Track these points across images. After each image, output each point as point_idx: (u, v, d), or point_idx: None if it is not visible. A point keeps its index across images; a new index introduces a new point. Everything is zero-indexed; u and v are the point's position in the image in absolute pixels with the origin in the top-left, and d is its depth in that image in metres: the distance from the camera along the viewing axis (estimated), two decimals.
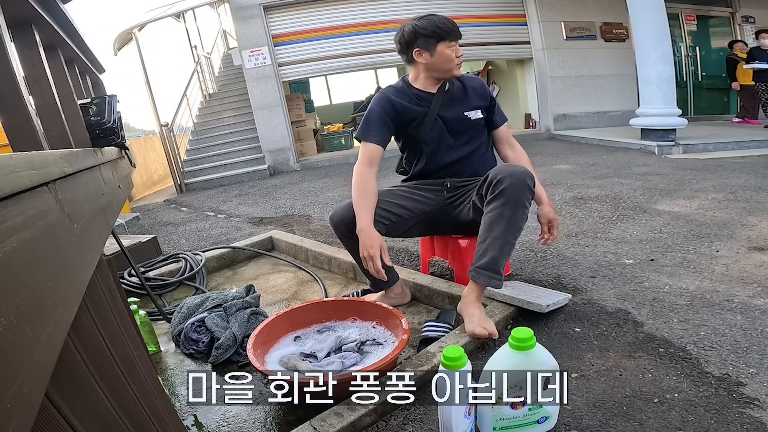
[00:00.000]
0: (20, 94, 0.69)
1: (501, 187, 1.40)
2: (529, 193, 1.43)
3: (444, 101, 1.66)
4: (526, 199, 1.42)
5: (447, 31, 1.56)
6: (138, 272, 1.98)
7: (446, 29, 1.57)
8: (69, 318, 0.44)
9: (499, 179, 1.42)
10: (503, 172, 1.43)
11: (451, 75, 1.63)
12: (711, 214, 2.46)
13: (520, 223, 1.43)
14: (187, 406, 1.33)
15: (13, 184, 0.36)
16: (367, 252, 1.46)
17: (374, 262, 1.45)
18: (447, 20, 1.59)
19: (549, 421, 1.02)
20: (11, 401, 0.28)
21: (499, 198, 1.41)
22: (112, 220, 0.95)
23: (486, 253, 1.41)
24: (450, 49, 1.58)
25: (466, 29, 7.51)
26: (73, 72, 1.28)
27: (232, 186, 5.86)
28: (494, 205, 1.42)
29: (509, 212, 1.40)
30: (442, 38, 1.56)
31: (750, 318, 1.39)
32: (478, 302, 1.44)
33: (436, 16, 1.60)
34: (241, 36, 6.47)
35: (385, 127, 1.64)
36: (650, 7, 4.89)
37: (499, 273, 1.42)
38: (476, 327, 1.36)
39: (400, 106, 1.65)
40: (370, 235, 1.47)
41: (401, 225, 1.66)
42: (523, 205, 1.42)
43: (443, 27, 1.57)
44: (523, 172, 1.43)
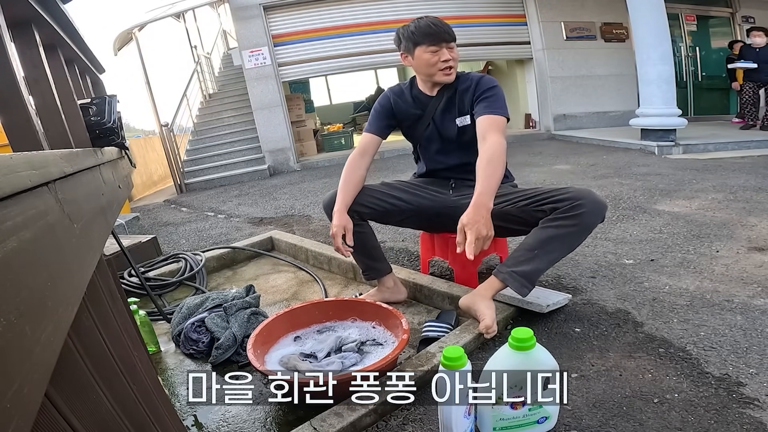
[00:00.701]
0: (20, 94, 0.69)
1: (581, 210, 1.37)
2: (601, 222, 1.43)
3: (441, 106, 1.64)
4: (595, 227, 1.44)
5: (425, 35, 1.52)
6: (138, 272, 1.98)
7: (423, 33, 1.52)
8: (69, 318, 0.44)
9: (581, 203, 1.38)
10: (586, 198, 1.39)
11: (436, 81, 1.59)
12: (711, 215, 2.46)
13: (577, 246, 1.44)
14: (187, 406, 1.33)
15: (13, 184, 0.36)
16: (332, 231, 1.58)
17: (335, 240, 1.56)
18: (432, 24, 1.53)
19: (549, 421, 1.02)
20: (11, 401, 0.28)
21: (573, 219, 1.38)
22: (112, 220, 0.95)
23: (531, 262, 1.40)
24: (430, 54, 1.53)
25: (466, 29, 7.52)
26: (73, 72, 1.28)
27: (232, 186, 5.86)
28: (563, 223, 1.39)
29: (576, 234, 1.40)
30: (418, 43, 1.53)
31: (750, 318, 1.39)
32: (492, 300, 1.46)
33: (425, 20, 1.55)
34: (241, 36, 6.47)
35: (385, 120, 1.69)
36: (650, 7, 4.89)
37: (533, 284, 1.43)
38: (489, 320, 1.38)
39: (395, 105, 1.69)
40: (339, 217, 1.58)
41: (396, 214, 1.71)
42: (590, 232, 1.44)
43: (420, 31, 1.52)
44: (604, 203, 1.42)
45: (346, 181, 1.64)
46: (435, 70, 1.55)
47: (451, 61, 1.54)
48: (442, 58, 1.53)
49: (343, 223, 1.57)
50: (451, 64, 1.55)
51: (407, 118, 1.70)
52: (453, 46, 1.55)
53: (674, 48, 6.46)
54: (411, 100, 1.68)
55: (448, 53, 1.54)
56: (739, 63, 5.67)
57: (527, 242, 1.44)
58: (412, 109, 1.67)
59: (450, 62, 1.54)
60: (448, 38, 1.53)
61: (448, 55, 1.53)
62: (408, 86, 1.70)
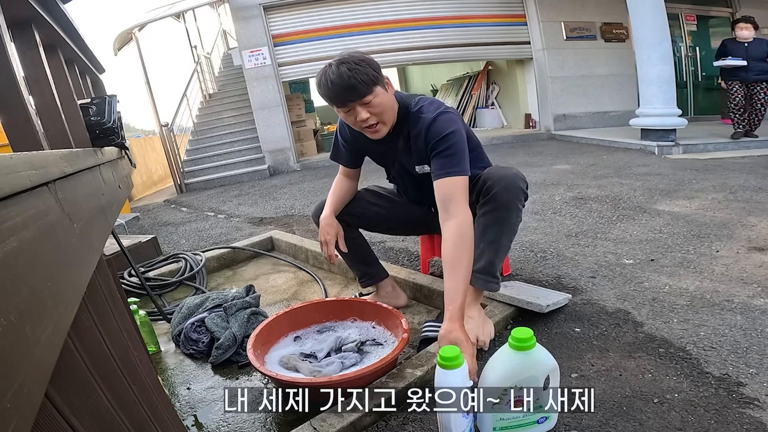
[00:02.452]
0: (20, 94, 0.69)
1: (492, 191, 1.37)
2: (522, 195, 1.41)
3: (400, 147, 1.45)
4: (518, 202, 1.40)
5: (328, 98, 1.28)
6: (138, 272, 1.98)
7: (326, 96, 1.28)
8: (69, 318, 0.44)
9: (489, 184, 1.38)
10: (494, 177, 1.39)
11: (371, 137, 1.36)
12: (711, 214, 2.46)
13: (514, 226, 1.42)
14: (187, 406, 1.33)
15: (13, 184, 0.36)
16: (323, 237, 1.54)
17: (328, 247, 1.53)
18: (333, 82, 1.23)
19: (549, 421, 1.02)
20: (11, 401, 0.28)
21: (490, 202, 1.38)
22: (112, 220, 0.95)
23: (482, 257, 1.40)
24: (344, 114, 1.30)
25: (466, 29, 7.53)
26: (73, 72, 1.28)
27: (232, 186, 5.86)
28: (486, 209, 1.40)
29: (503, 216, 1.38)
30: (330, 102, 1.30)
31: (750, 318, 1.39)
32: (476, 305, 1.44)
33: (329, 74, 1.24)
34: (241, 36, 6.47)
35: (350, 153, 1.59)
36: (650, 7, 4.89)
37: (495, 276, 1.43)
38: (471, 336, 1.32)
39: (354, 138, 1.52)
40: (328, 222, 1.55)
41: (385, 222, 1.70)
42: (516, 207, 1.39)
43: (322, 91, 1.28)
44: (515, 174, 1.39)
45: (334, 192, 1.62)
46: (359, 129, 1.35)
47: (370, 118, 1.28)
48: (358, 118, 1.28)
49: (335, 229, 1.53)
50: (372, 121, 1.29)
51: (371, 152, 1.57)
52: (369, 99, 1.26)
53: (674, 48, 6.45)
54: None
55: (363, 111, 1.27)
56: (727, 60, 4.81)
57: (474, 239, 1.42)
58: (373, 144, 1.46)
59: (369, 120, 1.28)
60: (354, 96, 1.24)
61: (364, 114, 1.27)
62: None
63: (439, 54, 6.89)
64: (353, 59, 1.25)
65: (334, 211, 1.59)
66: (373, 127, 1.31)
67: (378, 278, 1.74)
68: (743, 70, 4.83)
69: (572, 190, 3.40)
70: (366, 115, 1.27)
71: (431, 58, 6.98)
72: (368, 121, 1.28)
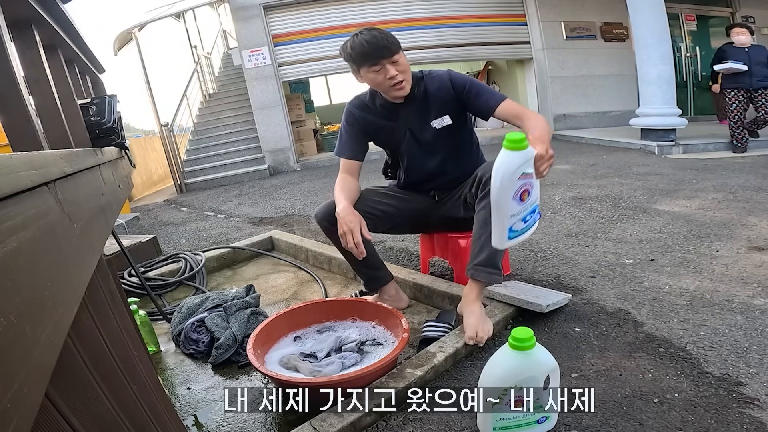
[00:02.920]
0: (20, 94, 0.69)
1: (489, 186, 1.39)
2: None
3: (414, 112, 1.55)
4: None
5: (362, 56, 1.42)
6: (138, 272, 1.98)
7: (359, 55, 1.42)
8: (69, 318, 0.44)
9: (488, 178, 1.38)
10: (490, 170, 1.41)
11: (392, 96, 1.50)
12: (711, 214, 2.46)
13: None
14: (187, 406, 1.33)
15: (13, 184, 0.36)
16: (346, 226, 1.42)
17: (354, 235, 1.41)
18: (365, 43, 1.41)
19: (549, 421, 1.02)
20: (11, 401, 0.28)
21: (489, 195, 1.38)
22: (112, 220, 0.95)
23: (483, 250, 1.41)
24: (374, 73, 1.44)
25: (466, 29, 7.50)
26: (73, 72, 1.28)
27: (232, 186, 5.86)
28: (486, 203, 1.40)
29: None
30: (360, 65, 1.44)
31: (750, 318, 1.39)
32: (478, 301, 1.44)
33: (359, 38, 1.43)
34: (241, 36, 6.47)
35: (356, 140, 1.61)
36: (650, 7, 4.89)
37: (498, 268, 1.43)
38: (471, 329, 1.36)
39: (363, 120, 1.60)
40: (347, 212, 1.46)
41: (387, 221, 1.67)
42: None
43: (356, 53, 1.42)
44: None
45: (343, 189, 1.57)
46: (385, 88, 1.47)
47: (398, 75, 1.43)
48: (388, 75, 1.42)
49: (357, 217, 1.44)
50: (399, 78, 1.44)
51: (379, 130, 1.61)
52: (397, 59, 1.43)
53: (674, 48, 6.45)
54: (379, 111, 1.58)
55: (392, 68, 1.42)
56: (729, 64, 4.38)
57: (473, 232, 1.45)
58: (382, 120, 1.57)
59: (397, 77, 1.43)
60: (387, 53, 1.41)
61: (393, 71, 1.42)
62: (370, 97, 1.60)
63: (439, 54, 6.88)
64: (377, 29, 1.46)
65: (351, 201, 1.53)
66: (399, 84, 1.45)
67: (384, 281, 1.71)
68: (746, 76, 4.37)
69: (572, 189, 3.40)
70: (394, 72, 1.42)
71: (431, 59, 6.97)
72: (396, 77, 1.43)
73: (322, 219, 1.59)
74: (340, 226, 1.45)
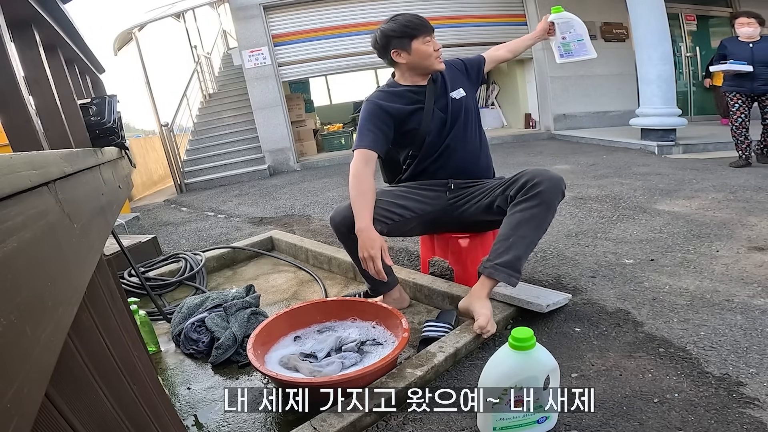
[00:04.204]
0: (20, 94, 0.68)
1: (538, 189, 1.42)
2: (561, 197, 1.49)
3: (439, 88, 1.66)
4: (558, 203, 1.47)
5: (416, 27, 1.57)
6: (138, 272, 1.97)
7: (415, 26, 1.57)
8: (69, 318, 0.44)
9: (537, 182, 1.44)
10: (541, 176, 1.45)
11: (434, 69, 1.62)
12: (711, 214, 2.46)
13: (547, 226, 1.46)
14: (187, 406, 1.33)
15: (13, 184, 0.36)
16: (367, 252, 1.41)
17: (375, 263, 1.40)
18: (414, 17, 1.60)
19: (549, 421, 1.02)
20: (11, 401, 0.28)
21: (533, 199, 1.43)
22: (112, 220, 0.95)
23: (509, 250, 1.41)
24: (425, 45, 1.58)
25: (466, 29, 7.50)
26: (73, 72, 1.28)
27: (232, 186, 5.86)
28: (526, 205, 1.43)
29: (542, 214, 1.42)
30: (414, 36, 1.57)
31: (750, 318, 1.39)
32: (488, 299, 1.45)
33: (402, 16, 1.60)
34: (241, 36, 6.47)
35: (380, 132, 1.58)
36: (650, 7, 4.89)
37: (519, 272, 1.43)
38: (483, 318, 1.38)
39: (392, 108, 1.61)
40: (370, 235, 1.42)
41: (403, 225, 1.64)
42: (555, 208, 1.47)
43: (412, 24, 1.57)
44: (561, 178, 1.48)
45: (362, 193, 1.49)
46: (432, 60, 1.60)
47: (439, 48, 1.62)
48: (436, 47, 1.59)
49: (379, 243, 1.41)
50: (440, 51, 1.62)
51: (408, 115, 1.62)
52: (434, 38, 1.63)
53: (674, 48, 6.45)
54: (405, 96, 1.64)
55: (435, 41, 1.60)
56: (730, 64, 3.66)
57: (502, 232, 1.46)
58: (408, 104, 1.63)
59: (439, 49, 1.61)
60: (431, 29, 1.60)
61: (438, 45, 1.61)
62: (392, 86, 1.68)
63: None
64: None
65: (371, 220, 1.46)
66: (440, 57, 1.62)
67: (391, 287, 1.69)
68: (748, 78, 3.61)
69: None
70: (439, 45, 1.60)
71: None
72: (439, 48, 1.60)
73: (341, 225, 1.55)
74: (362, 250, 1.42)
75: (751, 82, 3.61)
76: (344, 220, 1.53)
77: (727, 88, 3.81)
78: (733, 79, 3.73)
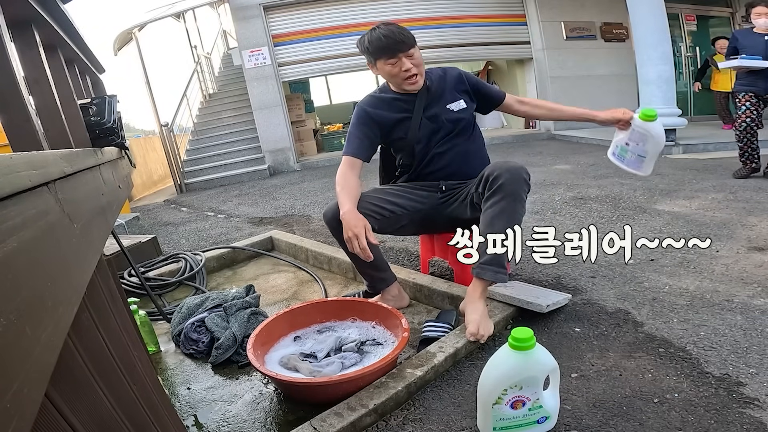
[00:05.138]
0: (20, 94, 0.68)
1: (499, 182, 1.42)
2: (526, 186, 1.45)
3: (430, 99, 1.61)
4: (523, 192, 1.44)
5: (379, 50, 1.50)
6: (138, 272, 1.97)
7: (377, 48, 1.50)
8: (69, 318, 0.44)
9: (496, 175, 1.43)
10: (499, 168, 1.44)
11: (405, 90, 1.57)
12: (711, 214, 2.46)
13: (519, 216, 1.44)
14: (187, 406, 1.33)
15: (13, 184, 0.36)
16: (351, 232, 1.39)
17: (360, 241, 1.37)
18: (383, 37, 1.49)
19: (549, 421, 1.02)
20: (11, 401, 0.28)
21: (497, 193, 1.42)
22: (112, 220, 0.95)
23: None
24: (391, 66, 1.51)
25: (466, 29, 7.49)
26: (73, 72, 1.28)
27: (232, 186, 5.86)
28: (493, 201, 1.43)
29: (509, 206, 1.41)
30: (377, 57, 1.51)
31: (750, 318, 1.39)
32: (482, 299, 1.45)
33: (377, 31, 1.51)
34: (241, 36, 6.47)
35: (366, 140, 1.61)
36: (650, 7, 4.89)
37: (503, 267, 1.43)
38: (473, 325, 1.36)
39: (377, 116, 1.61)
40: (352, 216, 1.43)
41: (394, 222, 1.66)
42: (521, 198, 1.44)
43: (374, 45, 1.50)
44: (520, 167, 1.45)
45: (345, 187, 1.54)
46: (399, 80, 1.55)
47: (412, 68, 1.51)
48: (403, 68, 1.51)
49: (362, 222, 1.43)
50: (414, 71, 1.52)
51: (396, 123, 1.62)
52: (412, 53, 1.51)
53: (674, 48, 6.45)
54: (392, 104, 1.62)
55: (407, 62, 1.50)
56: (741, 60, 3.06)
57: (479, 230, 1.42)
58: (396, 113, 1.61)
59: (412, 70, 1.51)
60: (403, 47, 1.49)
61: (408, 64, 1.50)
62: (384, 92, 1.65)
63: (439, 54, 6.88)
64: (394, 24, 1.54)
65: (354, 204, 1.51)
66: (412, 78, 1.53)
67: (388, 282, 1.70)
68: (761, 77, 3.05)
69: (572, 190, 3.40)
70: (409, 65, 1.50)
71: (431, 59, 6.95)
72: (411, 70, 1.51)
73: (332, 219, 1.57)
74: (345, 231, 1.43)
75: (765, 81, 3.06)
76: (335, 215, 1.55)
77: (738, 88, 3.27)
78: (746, 76, 3.18)
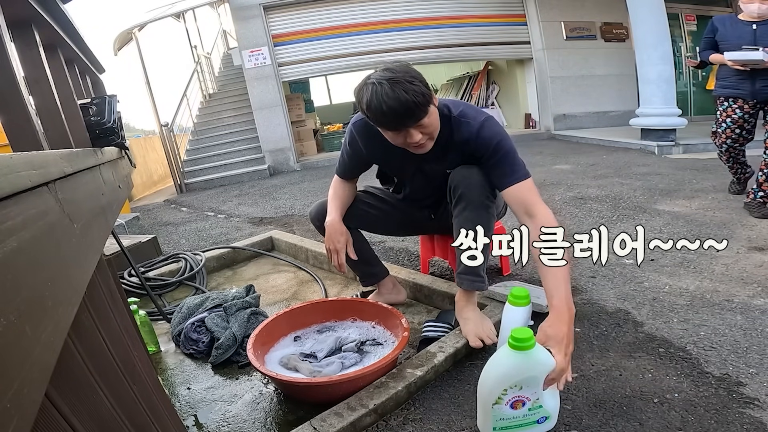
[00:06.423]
0: (20, 94, 0.68)
1: (458, 192, 1.36)
2: (487, 191, 1.34)
3: (432, 156, 1.37)
4: (485, 198, 1.34)
5: (381, 123, 1.22)
6: (138, 272, 1.97)
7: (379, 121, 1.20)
8: (69, 318, 0.44)
9: (455, 185, 1.37)
10: (458, 177, 1.37)
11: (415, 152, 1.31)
12: (711, 214, 2.46)
13: (489, 222, 1.37)
14: (187, 406, 1.33)
15: (13, 184, 0.36)
16: (333, 245, 1.46)
17: (339, 256, 1.45)
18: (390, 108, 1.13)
19: (549, 421, 1.02)
20: (11, 401, 0.28)
21: (459, 203, 1.37)
22: (112, 220, 0.95)
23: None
24: (394, 135, 1.24)
25: (466, 29, 7.51)
26: (73, 72, 1.27)
27: (232, 186, 5.86)
28: (458, 210, 1.38)
29: (473, 214, 1.34)
30: (382, 126, 1.24)
31: (750, 318, 1.39)
32: (470, 306, 1.44)
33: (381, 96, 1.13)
34: (241, 36, 6.47)
35: (357, 166, 1.57)
36: (650, 7, 4.89)
37: (480, 276, 1.42)
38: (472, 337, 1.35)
39: (367, 148, 1.46)
40: (336, 228, 1.48)
41: (384, 222, 1.68)
42: (484, 204, 1.35)
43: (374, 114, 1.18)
44: (476, 172, 1.34)
45: (337, 196, 1.55)
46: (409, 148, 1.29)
47: (421, 138, 1.22)
48: (410, 140, 1.22)
49: (345, 237, 1.42)
50: (422, 141, 1.24)
51: (387, 158, 1.47)
52: (424, 122, 1.20)
53: (674, 48, 6.44)
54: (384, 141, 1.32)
55: (416, 133, 1.21)
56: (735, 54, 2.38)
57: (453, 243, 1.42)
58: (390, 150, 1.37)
59: (420, 140, 1.23)
60: (410, 122, 1.18)
61: (417, 136, 1.21)
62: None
63: (439, 54, 6.89)
64: (405, 77, 1.14)
65: (340, 214, 1.52)
66: (421, 146, 1.27)
67: (380, 277, 1.73)
68: (748, 77, 2.42)
69: (572, 190, 3.40)
70: (419, 136, 1.21)
71: (431, 58, 6.97)
72: (419, 141, 1.23)
73: (314, 218, 1.66)
74: (327, 242, 1.49)
75: (752, 82, 2.42)
76: (318, 214, 1.63)
77: (719, 92, 2.60)
78: (729, 76, 2.51)
